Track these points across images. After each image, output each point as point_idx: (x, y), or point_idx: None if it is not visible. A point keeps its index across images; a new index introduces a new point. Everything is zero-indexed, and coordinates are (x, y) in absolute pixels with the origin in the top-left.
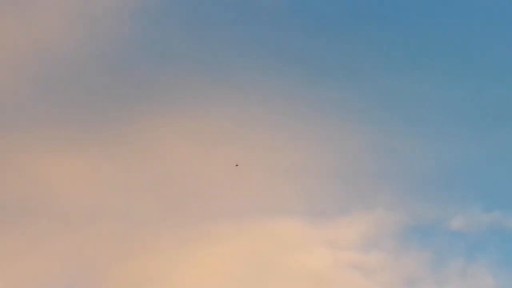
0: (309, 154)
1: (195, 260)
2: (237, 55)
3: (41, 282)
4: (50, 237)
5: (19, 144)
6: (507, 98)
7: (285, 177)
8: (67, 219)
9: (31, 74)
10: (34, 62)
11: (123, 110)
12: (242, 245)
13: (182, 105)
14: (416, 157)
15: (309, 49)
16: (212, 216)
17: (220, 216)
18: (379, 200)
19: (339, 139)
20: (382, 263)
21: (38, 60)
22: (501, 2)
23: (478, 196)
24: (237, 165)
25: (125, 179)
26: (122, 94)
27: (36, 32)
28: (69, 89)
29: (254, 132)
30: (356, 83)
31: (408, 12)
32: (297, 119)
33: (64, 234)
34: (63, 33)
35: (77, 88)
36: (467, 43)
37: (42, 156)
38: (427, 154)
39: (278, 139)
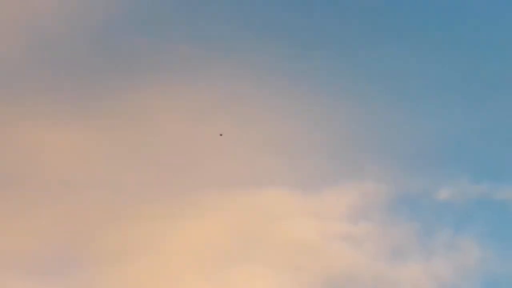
0: (297, 125)
1: (181, 230)
2: (227, 29)
3: (27, 250)
4: (37, 206)
5: (7, 114)
6: (495, 70)
7: (273, 149)
8: (54, 188)
9: (21, 44)
10: (24, 32)
11: (111, 81)
12: (229, 216)
13: (171, 77)
14: (404, 129)
15: (297, 23)
16: (199, 187)
17: (208, 187)
18: (367, 171)
19: (327, 111)
20: (370, 234)
21: (28, 30)
22: None
23: (466, 167)
24: (221, 135)
25: (112, 150)
26: (111, 65)
27: (26, 2)
28: (59, 59)
29: (242, 104)
30: (344, 56)
31: None
32: (284, 92)
33: (51, 203)
34: (55, 2)
35: (68, 58)
36: (458, 16)
37: (30, 126)
38: (415, 126)
39: (265, 112)
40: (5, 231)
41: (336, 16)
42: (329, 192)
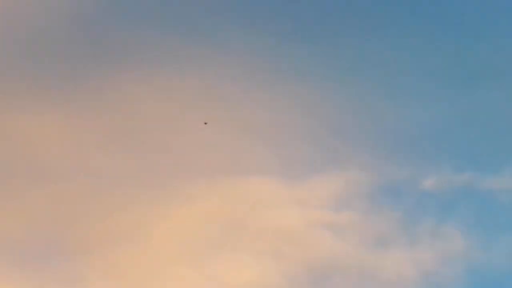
0: (282, 114)
1: (167, 218)
2: (213, 20)
3: (17, 239)
4: (23, 194)
5: None
6: (480, 58)
7: (257, 138)
8: (42, 177)
9: (3, 30)
10: (8, 17)
11: (98, 71)
12: (213, 204)
13: (157, 67)
14: (388, 118)
15: (287, 9)
16: (184, 176)
17: (193, 175)
18: (352, 160)
19: (311, 100)
20: (354, 222)
21: (13, 15)
22: None
23: (450, 156)
24: (205, 123)
25: (99, 138)
26: (99, 56)
27: None
28: (45, 45)
29: (228, 91)
30: (331, 46)
31: None
32: (269, 81)
33: (38, 192)
34: None
35: (53, 45)
36: (442, 5)
37: (18, 114)
38: (400, 114)
39: (251, 99)
40: None
41: (323, 7)
42: (313, 181)
